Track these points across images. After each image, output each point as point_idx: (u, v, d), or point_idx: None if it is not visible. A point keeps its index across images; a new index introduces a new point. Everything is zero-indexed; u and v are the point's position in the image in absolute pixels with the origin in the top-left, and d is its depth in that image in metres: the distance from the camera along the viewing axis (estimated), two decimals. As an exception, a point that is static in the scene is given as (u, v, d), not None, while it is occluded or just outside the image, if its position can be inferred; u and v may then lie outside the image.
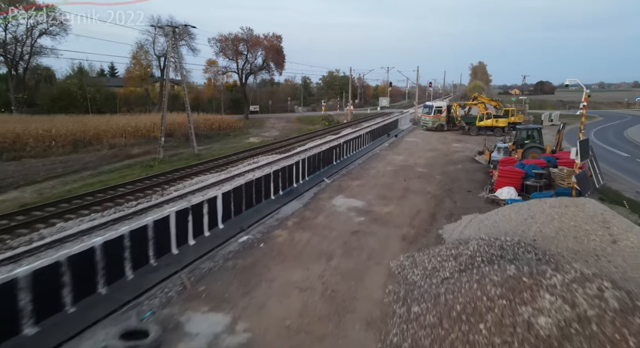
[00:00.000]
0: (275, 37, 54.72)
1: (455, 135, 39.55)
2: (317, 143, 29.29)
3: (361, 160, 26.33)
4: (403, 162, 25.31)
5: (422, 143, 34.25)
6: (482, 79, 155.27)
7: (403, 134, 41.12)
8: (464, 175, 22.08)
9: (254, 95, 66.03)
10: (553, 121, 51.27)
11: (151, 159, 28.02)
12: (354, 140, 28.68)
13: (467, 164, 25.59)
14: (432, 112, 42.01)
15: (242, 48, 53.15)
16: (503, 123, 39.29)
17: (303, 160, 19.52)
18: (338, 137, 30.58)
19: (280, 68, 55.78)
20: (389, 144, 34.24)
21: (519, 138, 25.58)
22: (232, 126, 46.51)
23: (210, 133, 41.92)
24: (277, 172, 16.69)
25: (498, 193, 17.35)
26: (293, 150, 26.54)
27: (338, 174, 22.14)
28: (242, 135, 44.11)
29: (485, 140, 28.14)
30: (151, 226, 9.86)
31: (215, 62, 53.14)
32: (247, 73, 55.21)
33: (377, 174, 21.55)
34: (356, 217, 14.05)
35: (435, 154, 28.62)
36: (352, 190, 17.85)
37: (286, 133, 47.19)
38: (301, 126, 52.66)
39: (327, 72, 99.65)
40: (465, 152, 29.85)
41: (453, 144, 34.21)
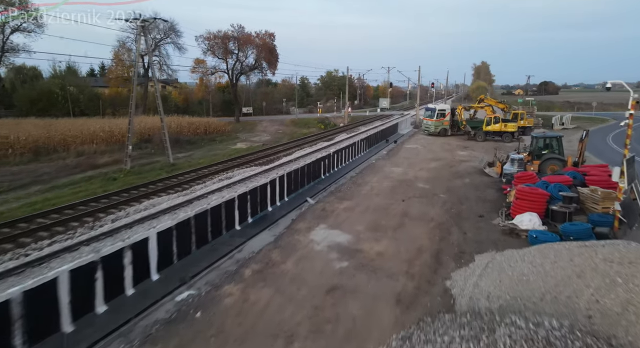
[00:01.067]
0: (268, 35, 51.51)
1: (460, 141, 36.26)
2: (306, 152, 26.06)
3: (354, 173, 23.07)
4: (402, 176, 22.05)
5: (423, 151, 30.97)
6: (486, 79, 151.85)
7: (403, 139, 37.86)
8: (472, 192, 18.82)
9: (247, 96, 62.82)
10: (565, 125, 47.88)
11: (118, 170, 24.84)
12: (347, 149, 25.44)
13: (475, 177, 22.33)
14: (435, 115, 38.74)
15: (233, 46, 50.01)
16: (512, 128, 35.98)
17: (281, 178, 16.28)
18: (329, 145, 27.38)
19: (273, 68, 52.58)
20: (387, 151, 30.97)
21: (535, 148, 22.29)
22: (219, 130, 43.31)
23: (194, 138, 38.72)
24: (244, 196, 13.46)
25: (517, 220, 14.08)
26: (277, 161, 23.30)
27: (325, 191, 18.90)
28: (230, 140, 40.90)
29: (495, 149, 24.86)
30: (18, 301, 6.64)
31: (204, 62, 50.02)
32: (238, 73, 52.02)
33: (370, 192, 18.29)
34: (338, 260, 10.80)
35: (438, 165, 25.36)
36: (338, 217, 14.59)
37: (277, 138, 43.98)
38: (295, 130, 49.42)
39: (326, 72, 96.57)
40: (472, 161, 26.57)
41: (458, 151, 30.92)
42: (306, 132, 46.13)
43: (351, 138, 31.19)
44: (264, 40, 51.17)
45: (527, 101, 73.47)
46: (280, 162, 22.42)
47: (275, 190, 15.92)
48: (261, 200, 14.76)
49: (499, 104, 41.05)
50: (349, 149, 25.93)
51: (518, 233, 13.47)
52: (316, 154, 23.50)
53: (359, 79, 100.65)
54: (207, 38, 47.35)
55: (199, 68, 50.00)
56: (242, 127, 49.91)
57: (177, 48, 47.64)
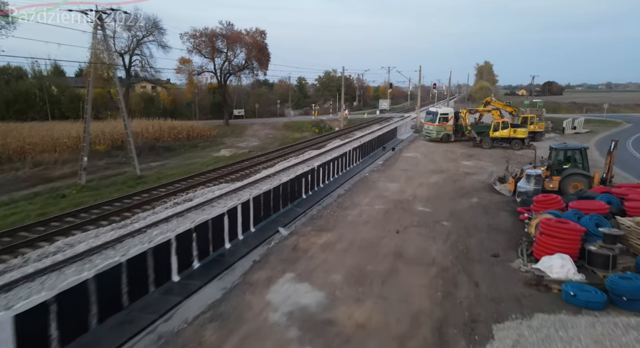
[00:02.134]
0: (259, 32, 48.35)
1: (464, 148, 32.97)
2: (290, 163, 22.91)
3: (343, 190, 19.83)
4: (398, 194, 18.79)
5: (424, 160, 27.70)
6: (489, 79, 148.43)
7: (402, 146, 34.60)
8: (482, 217, 15.56)
9: (238, 98, 59.65)
10: (577, 129, 44.48)
11: (72, 185, 21.68)
12: (336, 160, 22.20)
13: (484, 195, 19.07)
14: (437, 119, 35.41)
15: (221, 45, 46.85)
16: (522, 133, 32.64)
17: (245, 205, 13.06)
18: (318, 155, 24.23)
19: (264, 67, 49.36)
20: (384, 161, 27.71)
21: (555, 161, 19.02)
22: (204, 135, 40.16)
23: (174, 144, 35.55)
24: (184, 235, 10.24)
25: (544, 265, 10.83)
26: (254, 176, 20.15)
27: (305, 216, 15.67)
28: (214, 146, 37.74)
29: (507, 162, 21.53)
30: None
31: (190, 61, 46.80)
32: (227, 73, 48.84)
33: (358, 219, 15.04)
34: (297, 343, 7.54)
35: (440, 179, 22.10)
36: (311, 260, 11.35)
37: (266, 143, 40.81)
38: (287, 134, 46.25)
39: (324, 73, 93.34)
40: (479, 174, 23.30)
41: (463, 161, 27.64)
42: (298, 137, 42.98)
43: (343, 146, 27.97)
44: (254, 38, 48.01)
45: (534, 103, 70.03)
46: (257, 177, 19.23)
47: (237, 220, 12.69)
48: (215, 236, 11.54)
49: (506, 107, 37.72)
50: (339, 160, 22.69)
51: (547, 284, 10.22)
52: (301, 167, 20.31)
53: (359, 79, 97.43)
54: (193, 36, 44.22)
55: (185, 68, 46.76)
56: (231, 131, 46.76)
57: (160, 47, 44.46)
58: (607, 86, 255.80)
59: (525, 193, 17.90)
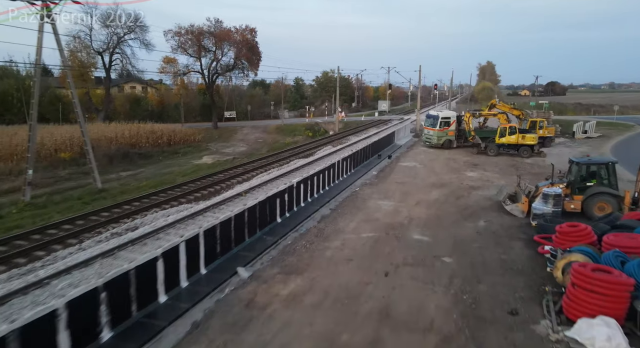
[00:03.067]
0: (249, 30, 45.53)
1: (468, 156, 30.11)
2: (271, 175, 20.04)
3: (327, 210, 17.00)
4: (391, 216, 15.95)
5: (423, 171, 24.83)
6: (491, 80, 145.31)
7: (399, 153, 31.74)
8: (492, 250, 12.70)
9: (230, 99, 56.85)
10: (588, 133, 41.47)
11: (17, 201, 18.88)
12: (321, 174, 19.37)
13: (492, 216, 16.22)
14: (438, 124, 32.53)
15: (209, 43, 44.03)
16: (532, 140, 29.72)
17: (190, 241, 10.22)
18: (305, 165, 21.36)
19: (254, 67, 46.52)
20: (378, 171, 24.86)
21: (577, 177, 16.15)
22: (187, 139, 37.35)
23: (153, 151, 32.74)
24: (84, 299, 7.42)
25: (582, 335, 8.02)
26: (224, 193, 17.30)
27: (275, 248, 12.84)
28: (197, 152, 34.95)
29: (518, 177, 18.58)
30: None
31: (175, 60, 43.97)
32: (214, 73, 46.03)
33: (339, 254, 12.19)
34: None
35: (441, 195, 19.25)
36: (268, 325, 8.51)
37: (254, 149, 38.00)
38: (278, 138, 43.43)
39: (322, 73, 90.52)
40: (486, 188, 20.46)
41: (467, 171, 24.76)
42: (289, 142, 40.15)
43: (334, 154, 25.11)
44: (244, 36, 45.19)
45: (540, 104, 67.01)
46: (227, 195, 16.37)
47: (180, 263, 9.86)
48: (142, 290, 8.71)
49: (513, 111, 34.79)
50: (325, 172, 19.87)
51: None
52: (281, 181, 17.48)
53: (357, 79, 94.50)
54: (177, 33, 41.40)
55: (169, 68, 43.91)
56: (219, 135, 43.96)
57: (143, 45, 41.71)
58: (610, 86, 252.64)
59: (542, 216, 15.10)
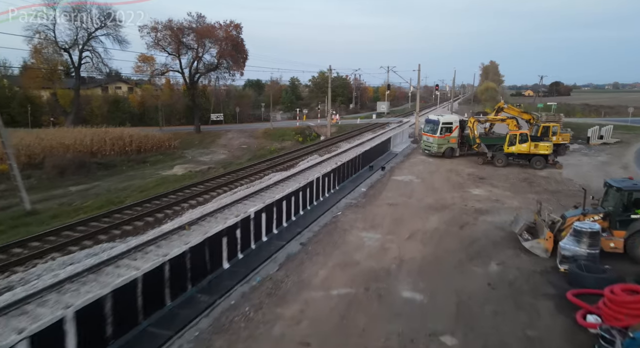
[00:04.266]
0: (234, 26, 41.85)
1: (472, 166, 26.39)
2: (237, 196, 16.38)
3: (295, 246, 13.36)
4: (376, 256, 12.29)
5: (420, 187, 21.14)
6: (494, 80, 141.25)
7: (395, 163, 28.03)
8: (512, 320, 9.03)
9: (217, 100, 53.24)
10: (605, 138, 37.62)
11: None
12: (292, 196, 15.72)
13: (506, 255, 12.54)
14: (438, 130, 28.76)
15: (191, 40, 40.37)
16: (546, 149, 25.94)
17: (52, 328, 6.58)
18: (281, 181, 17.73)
19: (239, 67, 42.84)
20: (368, 188, 21.19)
21: (618, 206, 12.45)
22: (161, 146, 33.71)
23: (117, 160, 29.11)
24: None
25: None
26: (168, 222, 13.68)
27: (207, 317, 9.18)
28: (169, 161, 31.32)
29: (539, 203, 14.74)
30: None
31: (152, 58, 40.34)
32: (195, 73, 42.39)
33: (291, 332, 8.51)
34: None
35: (441, 221, 15.57)
36: None
37: (235, 157, 34.38)
38: (264, 144, 39.77)
39: (318, 73, 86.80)
40: (496, 211, 16.78)
41: (472, 187, 21.07)
42: (274, 149, 36.52)
43: (319, 166, 21.48)
44: (228, 33, 41.55)
45: (548, 106, 63.08)
46: (166, 228, 12.75)
47: None
48: None
49: (523, 114, 31.05)
50: (299, 194, 16.24)
51: None
52: (242, 205, 13.86)
53: (356, 79, 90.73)
54: (154, 29, 37.78)
55: (144, 66, 40.24)
56: (200, 140, 40.32)
57: (117, 41, 38.14)
58: (614, 86, 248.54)
59: (574, 260, 11.45)
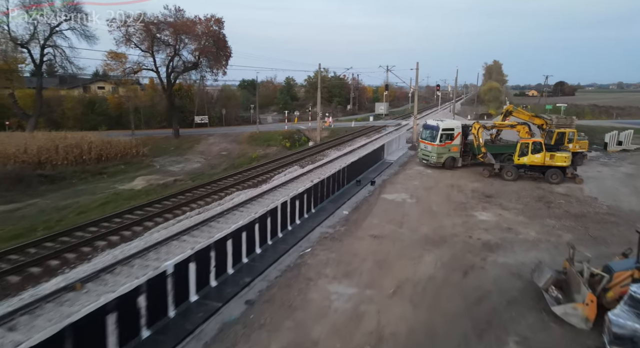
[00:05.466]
0: (215, 20, 38.17)
1: (477, 180, 22.68)
2: (171, 231, 12.78)
3: (234, 310, 9.68)
4: (342, 329, 8.62)
5: (414, 210, 17.40)
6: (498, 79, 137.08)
7: (388, 175, 24.28)
8: None
9: (201, 102, 49.57)
10: (624, 144, 33.77)
11: None
12: (255, 225, 12.02)
13: (528, 324, 8.85)
14: (438, 137, 24.96)
15: (166, 36, 36.73)
16: (563, 160, 22.18)
17: None
18: (246, 202, 14.09)
19: (219, 65, 39.13)
20: (351, 210, 17.46)
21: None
22: (127, 153, 30.06)
23: (68, 170, 25.39)
24: None
25: None
26: (61, 274, 10.06)
27: None
28: (132, 171, 27.68)
29: (571, 248, 10.99)
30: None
31: (124, 56, 36.62)
32: (172, 71, 38.69)
33: None
34: None
35: (438, 264, 11.87)
36: None
37: (211, 165, 30.75)
38: (247, 150, 36.09)
39: (314, 72, 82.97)
40: (508, 245, 13.08)
41: (477, 209, 17.33)
42: (256, 156, 32.88)
43: (293, 183, 17.80)
44: (209, 28, 37.88)
45: (557, 107, 59.17)
46: (54, 284, 9.12)
47: None
48: None
49: (534, 119, 27.31)
50: (253, 227, 12.55)
51: None
52: (166, 249, 10.21)
53: (354, 79, 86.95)
54: (124, 23, 34.14)
55: (113, 64, 36.45)
56: (177, 146, 36.69)
57: (83, 37, 34.52)
58: (618, 86, 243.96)
59: (631, 341, 7.79)
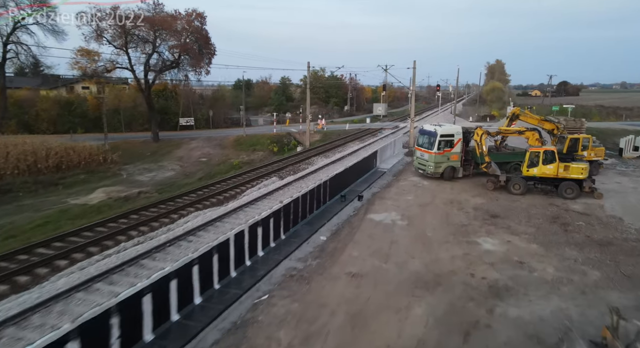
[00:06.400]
0: (196, 15, 35.31)
1: (480, 193, 19.73)
2: (91, 271, 9.90)
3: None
4: None
5: (404, 236, 14.45)
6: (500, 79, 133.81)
7: (378, 188, 21.32)
8: None
9: (186, 103, 46.72)
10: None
11: None
12: (193, 266, 9.12)
13: None
14: (435, 144, 22.00)
15: (144, 32, 33.88)
16: (580, 172, 19.19)
17: None
18: (190, 232, 11.25)
19: (200, 64, 36.24)
20: (329, 236, 14.53)
21: None
22: (92, 161, 27.20)
23: (17, 181, 22.57)
24: None
25: None
26: None
27: None
28: (94, 181, 24.83)
29: (615, 313, 8.13)
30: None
31: (97, 53, 33.69)
32: (150, 70, 35.83)
33: None
34: None
35: (430, 318, 8.93)
36: None
37: (186, 174, 27.88)
38: (230, 156, 33.25)
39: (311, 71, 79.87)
40: (521, 291, 10.15)
41: (481, 236, 14.38)
42: (238, 163, 30.00)
43: (263, 202, 14.90)
44: (190, 23, 35.03)
45: (564, 109, 56.03)
46: None
47: None
48: None
49: (544, 123, 24.35)
50: (189, 270, 9.66)
51: None
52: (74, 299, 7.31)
53: (352, 79, 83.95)
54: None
55: (85, 62, 33.49)
56: (154, 151, 33.83)
57: (51, 32, 31.74)
58: (621, 86, 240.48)
59: None
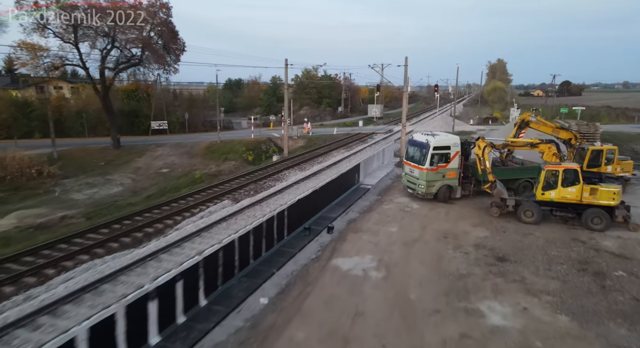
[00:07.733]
0: (160, 5, 31.07)
1: (483, 224, 15.48)
2: None
3: None
4: None
5: (376, 295, 10.21)
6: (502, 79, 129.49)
7: (357, 213, 17.01)
8: None
9: (159, 104, 42.45)
10: (670, 162, 26.47)
11: None
12: None
13: None
14: (428, 158, 17.68)
15: (99, 24, 29.63)
16: (610, 197, 14.88)
17: None
18: (72, 297, 7.13)
19: (161, 61, 31.98)
20: (271, 297, 10.32)
21: None
22: (22, 174, 22.97)
23: None
24: None
25: None
26: None
27: None
28: (13, 201, 20.65)
29: None
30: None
31: (43, 48, 29.41)
32: (104, 68, 31.60)
33: None
34: None
35: None
36: None
37: (135, 190, 23.72)
38: (197, 166, 29.00)
39: (302, 71, 76.02)
40: None
41: (484, 297, 10.14)
42: (201, 176, 25.77)
43: (194, 240, 10.68)
44: (152, 14, 30.79)
45: (573, 110, 51.77)
46: None
47: None
48: None
49: (560, 132, 20.14)
50: None
51: None
52: None
53: (346, 79, 79.65)
54: (37, 4, 27.02)
55: (27, 58, 29.21)
56: (109, 161, 29.57)
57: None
58: (624, 85, 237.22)
59: None
